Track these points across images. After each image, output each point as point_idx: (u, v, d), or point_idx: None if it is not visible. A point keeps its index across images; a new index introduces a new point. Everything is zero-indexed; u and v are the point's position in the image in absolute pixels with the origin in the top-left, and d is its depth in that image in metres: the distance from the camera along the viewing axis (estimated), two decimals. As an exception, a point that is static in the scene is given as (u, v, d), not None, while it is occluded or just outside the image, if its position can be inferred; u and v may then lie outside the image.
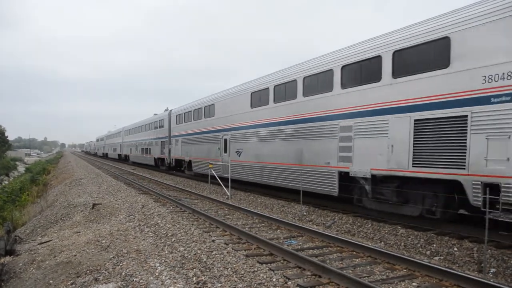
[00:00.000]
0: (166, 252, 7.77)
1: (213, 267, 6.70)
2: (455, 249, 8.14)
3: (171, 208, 13.68)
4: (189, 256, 7.38)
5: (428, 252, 8.29)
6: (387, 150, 10.10)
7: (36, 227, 13.60)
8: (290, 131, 14.19)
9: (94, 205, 13.94)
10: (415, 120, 9.42)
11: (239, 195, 16.98)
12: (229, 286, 5.85)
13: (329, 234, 9.05)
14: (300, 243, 8.66)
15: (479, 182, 7.99)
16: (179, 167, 28.19)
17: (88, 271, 6.83)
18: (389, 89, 10.16)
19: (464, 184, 8.34)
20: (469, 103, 8.30)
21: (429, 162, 9.09)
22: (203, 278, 6.20)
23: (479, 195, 7.90)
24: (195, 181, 23.38)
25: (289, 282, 6.02)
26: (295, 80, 13.96)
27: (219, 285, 5.92)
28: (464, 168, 8.33)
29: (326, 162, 12.33)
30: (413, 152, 9.42)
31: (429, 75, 9.16)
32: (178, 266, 6.84)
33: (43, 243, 9.95)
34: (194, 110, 24.40)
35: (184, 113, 26.29)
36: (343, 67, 11.64)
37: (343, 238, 8.58)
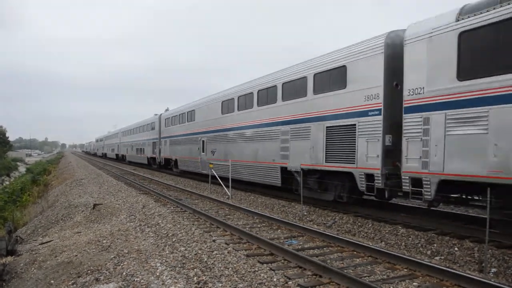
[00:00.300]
0: (167, 252, 7.78)
1: (214, 267, 6.71)
2: (456, 249, 8.14)
3: (172, 208, 13.69)
4: (190, 256, 7.39)
5: (428, 252, 8.29)
6: (309, 150, 13.07)
7: (37, 227, 13.63)
8: (249, 135, 17.27)
9: (95, 205, 13.96)
10: (326, 127, 12.34)
11: (239, 195, 16.98)
12: (230, 286, 5.86)
13: (329, 234, 9.05)
14: (301, 243, 8.66)
15: (362, 173, 10.90)
16: (168, 165, 31.18)
17: (89, 271, 6.85)
18: (311, 103, 13.14)
19: (355, 175, 11.20)
20: (356, 115, 11.19)
21: (335, 159, 12.01)
22: (204, 278, 6.21)
23: (363, 182, 10.89)
24: (195, 181, 23.39)
25: (290, 282, 6.02)
26: (252, 93, 17.09)
27: (220, 285, 5.92)
28: (354, 163, 11.19)
29: (272, 159, 15.28)
30: (325, 151, 12.38)
31: (335, 93, 12.08)
32: (179, 266, 6.85)
33: (44, 243, 9.97)
34: (179, 115, 27.83)
35: (172, 117, 29.79)
36: (283, 84, 14.83)
37: (343, 238, 8.58)
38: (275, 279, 6.10)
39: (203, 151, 22.62)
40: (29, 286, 7.25)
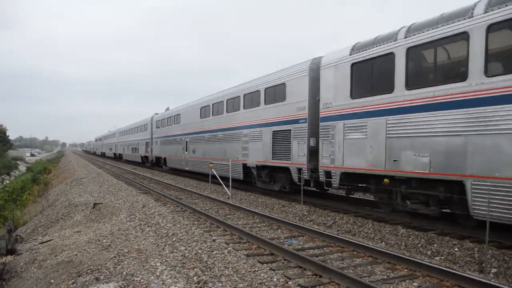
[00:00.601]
0: (167, 251, 7.77)
1: (214, 267, 6.71)
2: (456, 249, 8.13)
3: (172, 207, 13.69)
4: (190, 256, 7.39)
5: (429, 252, 8.29)
6: (262, 149, 16.17)
7: (37, 226, 13.63)
8: (220, 136, 20.45)
9: (95, 204, 13.96)
10: (272, 131, 15.44)
11: (239, 194, 16.98)
12: (230, 286, 5.86)
13: (330, 234, 9.05)
14: (301, 243, 8.66)
15: (295, 168, 13.91)
16: (159, 163, 34.15)
17: (89, 271, 6.84)
18: (263, 111, 16.22)
19: (290, 169, 14.27)
20: (291, 122, 14.27)
21: (279, 156, 15.06)
22: (204, 277, 6.21)
23: (296, 175, 13.92)
24: (196, 181, 23.40)
25: (290, 282, 6.02)
26: (222, 101, 20.29)
27: (220, 284, 5.92)
28: (290, 160, 14.30)
29: (237, 157, 18.19)
30: (272, 150, 15.47)
31: (278, 104, 15.22)
32: (179, 265, 6.85)
33: (44, 242, 9.97)
34: (167, 118, 31.22)
35: (161, 119, 33.22)
36: (245, 95, 17.93)
37: (344, 238, 8.58)
38: (275, 279, 6.10)
39: (186, 150, 25.78)
40: (29, 286, 7.25)
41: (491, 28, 7.94)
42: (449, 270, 6.29)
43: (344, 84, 11.70)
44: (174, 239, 8.72)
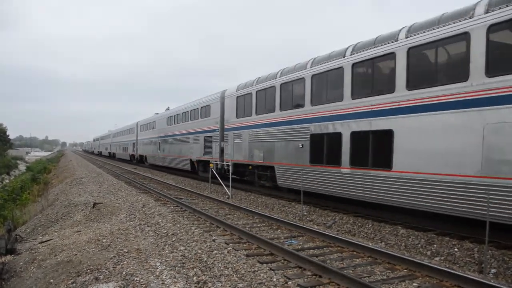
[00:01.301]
0: (167, 251, 7.77)
1: (213, 267, 6.70)
2: (456, 249, 8.13)
3: (172, 207, 13.69)
4: (190, 256, 7.38)
5: (428, 253, 8.29)
6: (200, 149, 23.21)
7: (36, 226, 13.61)
8: (179, 139, 27.93)
9: (94, 204, 13.95)
10: (204, 137, 22.53)
11: (239, 194, 16.98)
12: (230, 286, 5.86)
13: (329, 234, 9.05)
14: (301, 243, 8.66)
15: (214, 161, 20.16)
16: (141, 161, 42.14)
17: (88, 270, 6.84)
18: (200, 123, 23.49)
19: (211, 162, 20.19)
20: (213, 131, 21.23)
21: (208, 153, 21.97)
22: (203, 277, 6.20)
23: (215, 166, 19.67)
24: (196, 181, 23.41)
25: (290, 282, 6.02)
26: (179, 114, 28.46)
27: (220, 284, 5.92)
28: (211, 156, 21.08)
29: (186, 154, 25.84)
30: (204, 150, 22.36)
31: (207, 119, 22.35)
32: (179, 265, 6.85)
33: (43, 242, 9.96)
34: (147, 123, 39.29)
35: (144, 124, 40.86)
36: (191, 111, 25.47)
37: (343, 238, 8.58)
38: (274, 279, 6.09)
39: (159, 149, 33.54)
40: (28, 285, 7.24)
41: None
42: (449, 270, 6.30)
43: (233, 109, 19.03)
44: (174, 239, 8.72)
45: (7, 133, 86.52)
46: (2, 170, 54.00)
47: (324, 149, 12.57)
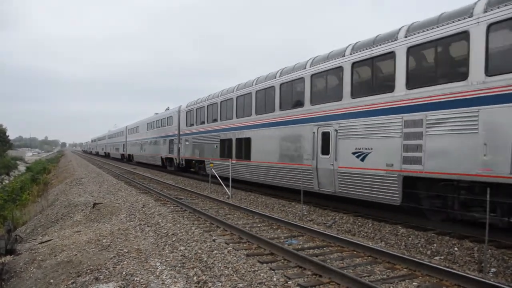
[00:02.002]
0: (167, 251, 7.77)
1: (213, 267, 6.71)
2: (456, 249, 8.14)
3: (172, 207, 13.69)
4: (190, 256, 7.39)
5: (428, 252, 8.29)
6: (167, 149, 30.66)
7: (36, 226, 13.61)
8: (154, 141, 35.79)
9: (94, 204, 13.95)
10: (169, 140, 30.72)
11: (239, 194, 16.99)
12: (230, 286, 5.86)
13: (329, 233, 9.05)
14: (301, 243, 8.66)
15: (175, 158, 29.19)
16: (130, 159, 49.23)
17: (88, 271, 6.84)
18: (167, 129, 31.63)
19: (173, 159, 29.76)
20: (174, 136, 29.30)
21: (171, 152, 30.04)
22: (203, 277, 6.21)
23: (176, 161, 29.17)
24: (195, 181, 23.40)
25: (290, 282, 6.02)
26: (154, 121, 36.55)
27: (220, 284, 5.92)
28: (174, 154, 29.14)
29: (159, 153, 33.32)
30: (168, 149, 30.72)
31: (171, 126, 30.32)
32: (179, 265, 6.85)
33: (43, 242, 9.96)
34: (133, 128, 46.75)
35: (131, 128, 48.39)
36: (156, 121, 35.75)
37: (343, 238, 8.58)
38: (275, 279, 6.10)
39: (141, 149, 41.58)
40: (28, 286, 7.24)
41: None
42: (449, 269, 6.30)
43: (184, 120, 26.82)
44: (174, 239, 8.72)
45: (7, 134, 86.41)
46: (1, 171, 54.00)
47: (225, 148, 19.75)
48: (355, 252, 7.80)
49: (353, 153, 11.36)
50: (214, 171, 19.57)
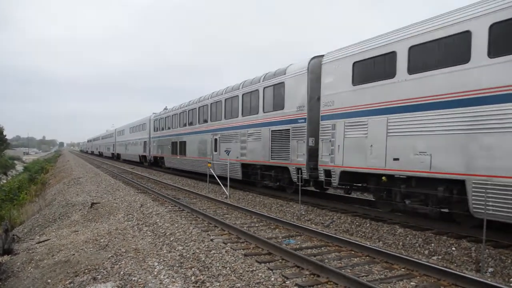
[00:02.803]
0: (165, 251, 7.76)
1: (211, 266, 6.70)
2: (453, 248, 8.15)
3: (170, 207, 13.67)
4: (188, 255, 7.38)
5: (426, 252, 8.31)
6: (142, 148, 40.14)
7: (34, 226, 13.59)
8: (133, 142, 44.43)
9: (92, 204, 13.93)
10: (144, 141, 39.54)
11: (237, 194, 16.98)
12: (228, 285, 5.86)
13: (327, 233, 9.05)
14: (299, 243, 8.66)
15: (145, 155, 39.88)
16: (118, 157, 57.54)
17: (86, 270, 6.83)
18: (139, 134, 42.00)
19: (146, 156, 39.32)
20: (148, 138, 38.51)
21: (144, 151, 39.09)
22: (201, 277, 6.20)
23: (148, 159, 38.32)
24: (193, 180, 23.39)
25: (288, 282, 6.02)
26: (135, 126, 43.68)
27: (218, 284, 5.92)
28: (146, 153, 38.68)
29: (138, 152, 41.92)
30: (144, 148, 39.13)
31: (144, 131, 39.34)
32: (177, 265, 6.84)
33: (41, 242, 9.94)
34: (120, 130, 54.93)
35: (119, 131, 56.43)
36: (133, 127, 45.08)
37: (341, 238, 8.58)
38: (272, 279, 6.10)
39: (126, 149, 50.05)
40: (25, 285, 7.22)
41: None
42: (446, 269, 6.31)
43: (152, 126, 35.55)
44: (172, 239, 8.71)
45: (4, 133, 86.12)
46: (-1, 170, 53.81)
47: (177, 148, 27.20)
48: (353, 252, 7.81)
49: (225, 151, 19.12)
50: (167, 165, 30.78)
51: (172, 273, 6.43)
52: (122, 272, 6.53)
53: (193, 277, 6.21)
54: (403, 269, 6.69)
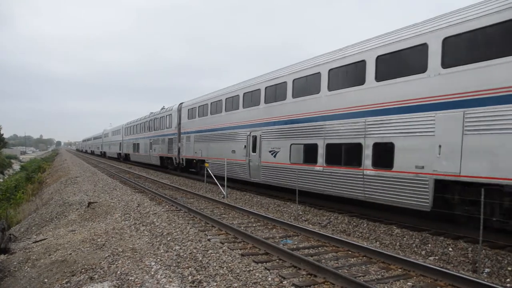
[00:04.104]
0: (162, 251, 7.76)
1: (208, 266, 6.70)
2: (450, 249, 8.18)
3: (167, 207, 13.65)
4: (185, 255, 7.37)
5: (423, 252, 8.33)
6: (118, 147, 53.04)
7: (31, 225, 13.55)
8: (113, 143, 56.59)
9: (89, 203, 13.90)
10: (119, 143, 51.29)
11: (235, 194, 16.98)
12: (225, 285, 5.85)
13: (324, 233, 9.06)
14: (296, 243, 8.67)
15: (123, 153, 49.16)
16: (105, 155, 66.45)
17: (83, 270, 6.81)
18: (117, 137, 52.98)
19: (121, 153, 50.75)
20: (120, 141, 50.81)
21: (120, 151, 51.71)
22: (198, 277, 6.20)
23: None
24: (191, 180, 23.37)
25: (285, 282, 6.03)
26: (115, 130, 55.72)
27: (215, 284, 5.92)
28: (121, 151, 50.21)
29: (116, 150, 53.92)
30: (119, 147, 51.71)
31: (118, 135, 52.71)
32: (174, 265, 6.84)
33: (38, 241, 9.91)
34: (106, 133, 62.43)
35: (107, 132, 63.10)
36: (116, 131, 54.63)
37: (338, 238, 8.60)
38: (269, 279, 6.10)
39: (109, 148, 59.38)
40: (22, 285, 7.20)
41: None
42: (443, 270, 6.33)
43: (121, 133, 49.84)
44: (169, 239, 8.70)
45: (1, 132, 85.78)
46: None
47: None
48: (350, 252, 7.82)
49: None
50: (133, 159, 39.70)
51: (169, 272, 6.43)
52: (119, 272, 6.52)
53: (190, 277, 6.20)
54: (400, 270, 6.71)
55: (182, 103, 27.59)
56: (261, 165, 15.94)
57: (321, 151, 12.54)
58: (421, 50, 9.44)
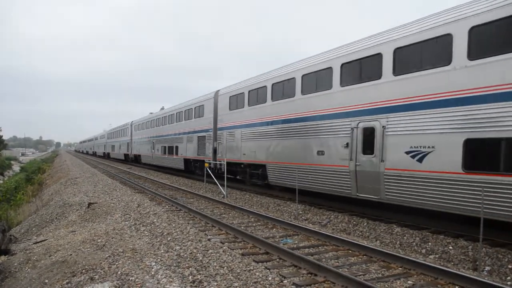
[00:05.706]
0: (162, 251, 7.76)
1: (209, 266, 6.70)
2: (450, 247, 8.18)
3: (167, 207, 13.65)
4: (185, 255, 7.37)
5: (423, 251, 8.33)
6: (104, 147, 68.58)
7: (31, 226, 13.54)
8: (100, 144, 72.38)
9: (89, 204, 13.89)
10: (111, 145, 58.81)
11: (234, 194, 16.98)
12: (225, 285, 5.86)
13: (324, 232, 9.06)
14: (296, 242, 8.67)
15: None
16: (97, 155, 73.66)
17: (83, 270, 6.81)
18: (104, 140, 66.95)
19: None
20: (102, 142, 68.65)
21: (112, 151, 59.02)
22: (199, 277, 6.20)
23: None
24: (191, 180, 23.37)
25: (285, 281, 6.03)
26: (110, 132, 59.80)
27: (215, 284, 5.92)
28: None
29: (101, 150, 70.61)
30: (104, 147, 67.60)
31: (102, 138, 71.48)
32: (174, 265, 6.84)
33: (38, 242, 9.91)
34: (109, 133, 61.15)
35: (108, 133, 62.32)
36: (112, 132, 58.41)
37: (338, 237, 8.60)
38: (270, 278, 6.10)
39: (104, 149, 64.96)
40: (23, 286, 7.20)
41: None
42: (444, 268, 6.33)
43: (104, 138, 66.89)
44: (169, 239, 8.70)
45: (1, 134, 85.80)
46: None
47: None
48: (350, 251, 7.83)
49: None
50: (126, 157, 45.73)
51: (169, 272, 6.43)
52: (119, 272, 6.52)
53: (190, 277, 6.20)
54: (400, 268, 6.71)
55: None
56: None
57: None
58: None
